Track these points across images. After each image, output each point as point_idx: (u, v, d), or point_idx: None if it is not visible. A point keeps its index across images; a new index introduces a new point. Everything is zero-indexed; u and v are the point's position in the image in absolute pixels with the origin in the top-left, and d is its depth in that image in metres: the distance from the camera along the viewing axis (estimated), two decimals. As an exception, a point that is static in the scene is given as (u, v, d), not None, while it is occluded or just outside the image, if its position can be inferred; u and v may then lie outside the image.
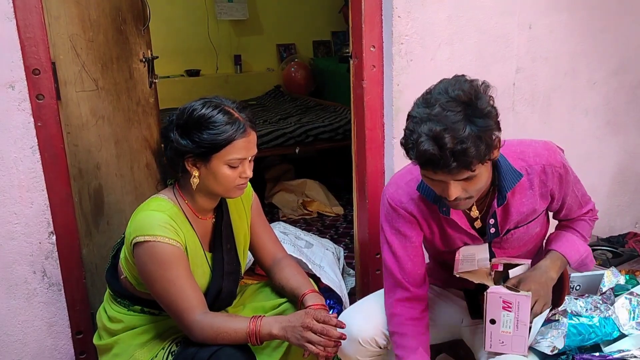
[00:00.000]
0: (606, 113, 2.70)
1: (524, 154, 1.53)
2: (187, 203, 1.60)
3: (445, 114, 1.27)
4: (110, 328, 1.65)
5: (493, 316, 1.48)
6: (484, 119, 1.29)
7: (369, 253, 2.42)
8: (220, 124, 1.48)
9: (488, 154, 1.31)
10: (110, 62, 2.10)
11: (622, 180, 2.83)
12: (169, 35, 5.16)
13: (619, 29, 2.61)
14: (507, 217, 1.55)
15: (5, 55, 1.74)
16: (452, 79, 1.35)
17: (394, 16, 2.14)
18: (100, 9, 2.05)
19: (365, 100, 2.26)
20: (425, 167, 1.33)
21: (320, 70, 5.79)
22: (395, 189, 1.59)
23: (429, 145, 1.26)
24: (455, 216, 1.54)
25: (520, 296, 1.45)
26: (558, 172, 1.54)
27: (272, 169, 4.48)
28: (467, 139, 1.26)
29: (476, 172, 1.32)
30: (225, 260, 1.66)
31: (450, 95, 1.30)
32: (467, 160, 1.27)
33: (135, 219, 1.54)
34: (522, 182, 1.51)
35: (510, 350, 1.49)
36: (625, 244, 2.64)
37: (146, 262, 1.49)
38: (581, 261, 1.64)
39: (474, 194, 1.40)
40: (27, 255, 1.89)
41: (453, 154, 1.26)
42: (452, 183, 1.34)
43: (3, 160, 1.80)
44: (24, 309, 1.92)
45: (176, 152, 1.52)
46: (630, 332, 1.57)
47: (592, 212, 1.71)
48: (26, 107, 1.79)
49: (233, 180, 1.53)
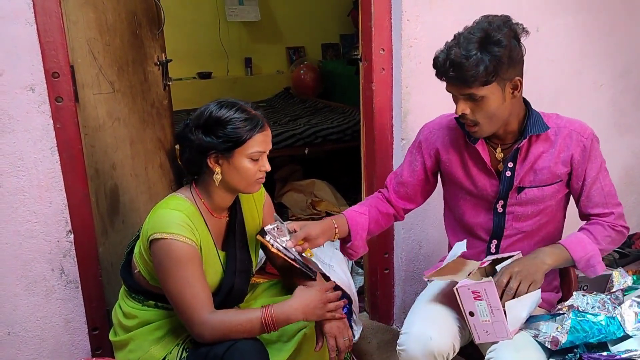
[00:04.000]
0: (612, 115, 2.72)
1: (559, 118, 1.70)
2: (204, 202, 1.65)
3: (468, 37, 1.52)
4: (126, 324, 1.69)
5: (470, 309, 1.54)
6: (495, 46, 1.50)
7: (377, 252, 2.45)
8: (240, 120, 1.56)
9: (488, 77, 1.50)
10: (126, 65, 2.15)
11: (629, 181, 2.84)
12: (181, 38, 5.21)
13: (625, 32, 2.63)
14: (524, 164, 1.67)
15: (25, 59, 1.78)
16: (488, 15, 1.60)
17: (403, 20, 2.18)
18: (117, 13, 2.09)
19: (374, 102, 2.29)
20: (436, 75, 1.57)
21: (329, 72, 5.83)
22: (437, 122, 1.83)
23: (441, 54, 1.55)
24: (480, 147, 1.69)
25: (484, 283, 1.51)
26: (583, 141, 1.65)
27: (282, 169, 4.51)
28: (470, 57, 1.48)
29: (480, 93, 1.52)
30: (238, 257, 1.70)
31: (479, 26, 1.54)
32: (462, 73, 1.49)
33: (153, 216, 1.58)
34: (547, 136, 1.66)
35: (495, 338, 1.53)
36: (632, 245, 2.65)
37: (162, 259, 1.53)
38: (587, 260, 1.63)
39: (480, 120, 1.57)
40: (45, 253, 1.93)
41: (452, 64, 1.50)
42: (460, 101, 1.55)
43: (23, 161, 1.84)
44: (43, 306, 1.97)
45: (199, 150, 1.57)
46: (635, 333, 1.55)
47: (615, 218, 1.69)
48: (46, 110, 1.84)
49: (254, 174, 1.60)
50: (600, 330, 1.54)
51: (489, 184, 1.72)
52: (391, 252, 2.47)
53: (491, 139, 1.71)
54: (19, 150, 1.83)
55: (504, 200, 1.72)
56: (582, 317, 1.55)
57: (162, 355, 1.63)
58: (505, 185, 1.70)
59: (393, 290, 2.51)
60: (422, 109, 2.28)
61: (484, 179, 1.73)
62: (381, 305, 2.53)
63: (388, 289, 2.52)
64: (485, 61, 1.48)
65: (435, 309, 1.69)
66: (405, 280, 2.48)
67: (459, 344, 1.64)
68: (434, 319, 1.65)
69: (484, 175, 1.73)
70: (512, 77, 1.56)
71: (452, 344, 1.61)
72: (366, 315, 2.62)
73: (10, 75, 1.78)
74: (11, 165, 1.83)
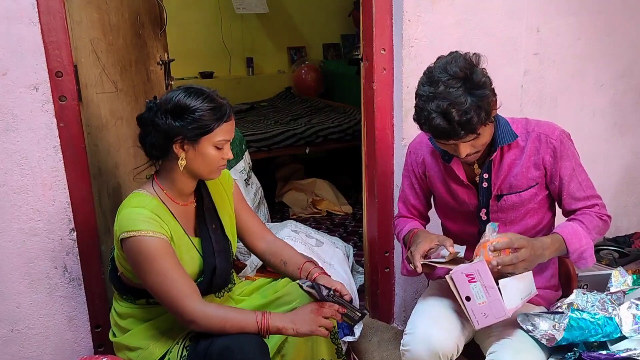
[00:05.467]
0: (613, 115, 2.73)
1: (528, 122, 1.73)
2: (166, 192, 1.66)
3: (448, 91, 1.48)
4: (122, 325, 1.71)
5: (466, 293, 1.55)
6: (480, 89, 1.50)
7: (378, 251, 2.46)
8: (209, 108, 1.57)
9: (488, 117, 1.53)
10: (129, 65, 2.16)
11: (629, 180, 2.86)
12: (183, 38, 5.22)
13: (625, 33, 2.64)
14: (499, 173, 1.70)
15: (29, 59, 1.80)
16: (448, 56, 1.56)
17: (404, 20, 2.19)
18: (120, 13, 2.10)
19: (375, 102, 2.30)
20: (438, 138, 1.56)
21: (330, 72, 5.84)
22: (417, 141, 1.88)
23: (440, 121, 1.49)
24: (455, 165, 1.73)
25: (476, 264, 1.54)
26: (552, 143, 1.67)
27: (283, 168, 4.54)
28: (469, 110, 1.47)
29: (481, 133, 1.54)
30: (213, 239, 1.71)
31: (449, 73, 1.50)
32: (472, 127, 1.49)
33: (119, 217, 1.59)
34: (517, 144, 1.69)
35: (494, 319, 1.54)
36: (632, 244, 2.66)
37: (134, 257, 1.55)
38: (580, 253, 1.63)
39: (480, 148, 1.61)
40: (49, 251, 1.94)
41: (460, 124, 1.48)
42: (462, 144, 1.56)
43: (27, 160, 1.86)
44: (46, 303, 1.98)
45: (165, 135, 1.57)
46: (632, 335, 1.54)
47: (600, 208, 1.71)
48: (49, 109, 1.85)
49: (218, 161, 1.62)
50: (597, 330, 1.54)
51: (468, 197, 1.76)
52: (392, 251, 2.48)
53: None
54: (23, 149, 1.84)
55: (486, 209, 1.75)
56: (580, 315, 1.55)
57: (162, 352, 1.64)
58: (484, 196, 1.73)
59: (393, 288, 2.53)
60: (423, 108, 2.29)
61: (463, 192, 1.76)
62: (382, 303, 2.55)
63: (388, 288, 2.53)
64: (482, 106, 1.50)
65: (438, 310, 1.71)
66: (406, 279, 2.49)
67: (462, 344, 1.66)
68: (438, 320, 1.66)
69: (463, 189, 1.76)
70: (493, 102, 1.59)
71: (456, 345, 1.63)
72: (366, 314, 2.63)
73: (14, 74, 1.79)
74: (15, 163, 1.85)
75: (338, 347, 1.81)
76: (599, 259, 2.43)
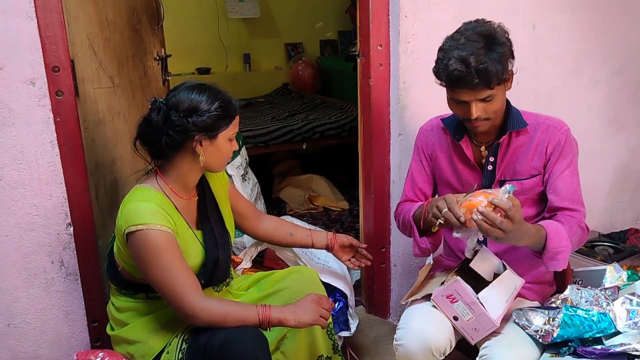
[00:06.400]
0: (608, 111, 2.74)
1: (539, 116, 1.77)
2: (170, 187, 1.67)
3: (470, 43, 1.56)
4: (120, 318, 1.71)
5: (452, 314, 1.59)
6: (501, 46, 1.57)
7: (374, 246, 2.47)
8: (225, 102, 1.62)
9: (504, 76, 1.58)
10: (126, 60, 2.16)
11: (624, 177, 2.87)
12: (180, 34, 5.22)
13: (621, 30, 2.65)
14: (505, 158, 1.74)
15: (26, 53, 1.80)
16: (474, 21, 1.64)
17: (401, 16, 2.20)
18: (117, 9, 2.10)
19: (372, 98, 2.31)
20: (452, 86, 1.60)
21: (327, 68, 5.84)
22: (428, 123, 1.92)
23: (457, 65, 1.55)
24: (464, 144, 1.77)
25: (452, 284, 1.57)
26: (559, 135, 1.70)
27: (280, 164, 4.54)
28: (487, 61, 1.53)
29: (494, 92, 1.58)
30: (215, 231, 1.74)
31: (474, 31, 1.59)
32: (488, 78, 1.54)
33: (124, 211, 1.59)
34: (526, 131, 1.73)
35: (485, 332, 1.56)
36: (627, 240, 2.66)
37: (140, 250, 1.55)
38: (555, 253, 1.60)
39: (491, 116, 1.64)
40: (45, 245, 1.95)
41: (477, 71, 1.53)
42: (474, 103, 1.59)
43: (24, 154, 1.86)
44: (43, 298, 1.99)
45: (184, 134, 1.58)
46: (626, 330, 1.55)
47: (582, 216, 1.69)
48: (46, 103, 1.85)
49: (229, 154, 1.68)
50: (592, 326, 1.54)
51: (473, 178, 1.78)
52: (388, 246, 2.49)
53: (476, 136, 1.77)
54: (20, 144, 1.84)
55: None
56: (574, 312, 1.56)
57: (161, 346, 1.65)
58: (487, 178, 1.76)
59: (389, 284, 2.54)
60: (420, 104, 2.30)
61: (469, 173, 1.79)
62: (378, 299, 2.56)
63: (385, 283, 2.54)
64: (500, 62, 1.56)
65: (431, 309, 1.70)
66: (402, 274, 2.50)
67: (455, 339, 1.66)
68: (431, 314, 1.66)
69: (469, 170, 1.79)
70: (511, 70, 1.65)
71: (449, 339, 1.63)
72: (363, 309, 2.65)
73: (11, 69, 1.79)
74: (12, 158, 1.85)
75: (334, 342, 1.83)
76: (594, 254, 2.45)
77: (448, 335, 1.63)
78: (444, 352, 1.63)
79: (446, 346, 1.63)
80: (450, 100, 1.66)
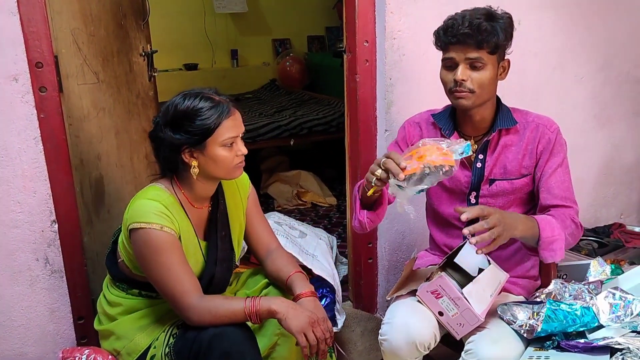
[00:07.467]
0: (593, 107, 2.76)
1: (528, 114, 1.78)
2: (184, 193, 1.66)
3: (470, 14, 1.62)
4: (110, 313, 1.70)
5: (437, 309, 1.60)
6: (498, 21, 1.62)
7: (361, 242, 2.47)
8: (205, 109, 1.55)
9: (496, 41, 1.61)
10: (111, 56, 2.15)
11: (608, 172, 2.90)
12: (167, 29, 5.18)
13: (605, 26, 2.67)
14: (493, 155, 1.75)
15: (9, 49, 1.77)
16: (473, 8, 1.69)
17: (387, 12, 2.20)
18: (101, 4, 2.09)
19: (358, 94, 2.31)
20: (444, 38, 1.64)
21: (315, 64, 5.84)
22: (415, 116, 1.91)
23: (455, 16, 1.63)
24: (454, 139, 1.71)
25: (436, 280, 1.58)
26: (549, 134, 1.72)
27: (268, 160, 4.53)
28: (484, 22, 1.59)
29: (484, 58, 1.61)
30: (219, 247, 1.72)
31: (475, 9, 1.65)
32: (480, 35, 1.58)
33: (132, 206, 1.59)
34: (516, 130, 1.74)
35: (470, 326, 1.57)
36: (611, 235, 2.70)
37: (141, 248, 1.55)
38: (551, 242, 1.60)
39: (477, 89, 1.64)
40: (30, 242, 1.93)
41: (470, 23, 1.59)
42: (462, 66, 1.62)
43: (7, 151, 1.84)
44: (27, 295, 1.97)
45: (172, 148, 1.57)
46: (609, 324, 1.56)
47: (574, 212, 1.70)
48: (29, 100, 1.83)
49: (231, 161, 1.61)
50: (575, 320, 1.56)
51: (462, 175, 1.78)
52: (375, 242, 2.50)
53: (465, 132, 1.78)
54: (3, 140, 1.83)
55: (476, 192, 1.77)
56: (557, 306, 1.57)
57: (147, 343, 1.64)
58: (476, 176, 1.76)
59: (376, 279, 2.55)
60: (406, 100, 2.30)
61: (457, 170, 1.73)
62: (365, 294, 2.57)
63: (371, 278, 2.55)
64: (496, 29, 1.60)
65: (415, 304, 1.71)
66: (389, 270, 2.51)
67: (439, 333, 1.67)
68: (416, 309, 1.67)
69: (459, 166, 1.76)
70: (504, 57, 1.70)
71: (434, 334, 1.64)
72: (350, 304, 2.65)
73: (-7, 65, 1.77)
74: (-5, 155, 1.83)
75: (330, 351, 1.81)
76: (579, 249, 2.47)
77: (432, 330, 1.64)
78: (428, 346, 1.64)
79: (430, 341, 1.64)
80: (442, 68, 1.68)
